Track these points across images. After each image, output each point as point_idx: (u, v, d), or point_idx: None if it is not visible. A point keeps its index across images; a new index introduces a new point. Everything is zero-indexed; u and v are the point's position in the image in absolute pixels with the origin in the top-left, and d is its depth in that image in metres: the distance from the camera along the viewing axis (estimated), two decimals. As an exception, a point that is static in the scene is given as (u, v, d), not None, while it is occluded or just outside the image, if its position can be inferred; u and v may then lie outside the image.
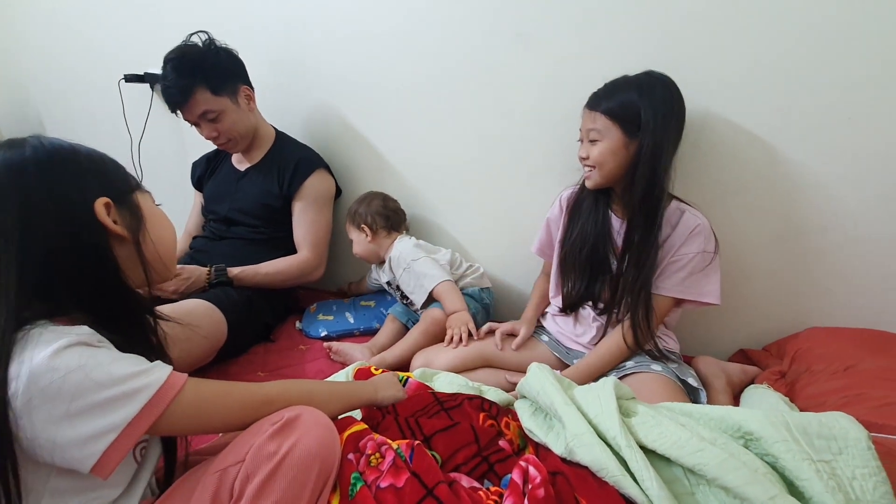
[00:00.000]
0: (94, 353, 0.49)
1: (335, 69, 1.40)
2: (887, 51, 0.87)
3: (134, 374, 0.50)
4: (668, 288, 0.97)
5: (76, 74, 1.91)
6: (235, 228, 1.38)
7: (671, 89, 0.93)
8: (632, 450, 0.57)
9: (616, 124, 0.93)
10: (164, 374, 0.53)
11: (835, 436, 0.62)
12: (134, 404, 0.49)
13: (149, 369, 0.52)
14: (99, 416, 0.48)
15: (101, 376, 0.48)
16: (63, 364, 0.46)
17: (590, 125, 0.96)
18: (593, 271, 1.04)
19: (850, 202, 0.98)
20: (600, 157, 0.95)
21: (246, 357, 1.19)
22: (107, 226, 0.56)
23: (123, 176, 0.62)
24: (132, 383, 0.50)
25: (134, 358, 0.53)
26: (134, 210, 0.60)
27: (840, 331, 1.02)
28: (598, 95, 0.97)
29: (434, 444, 0.67)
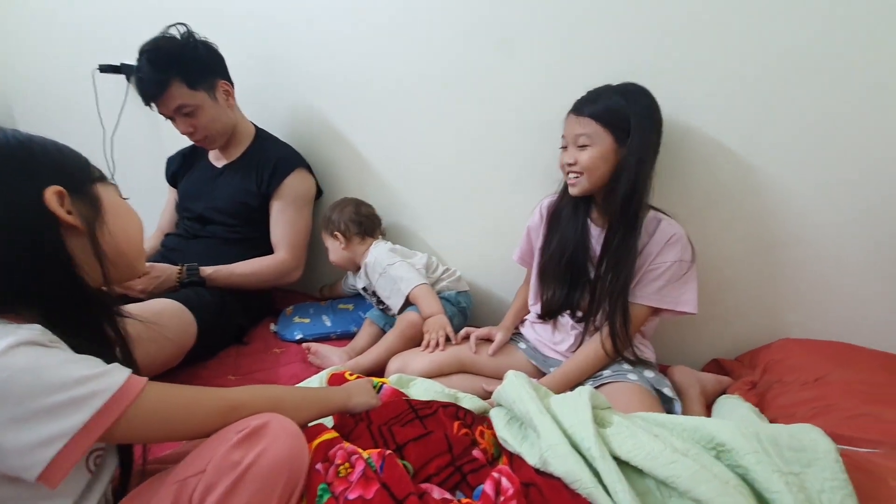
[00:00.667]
0: (45, 354, 0.46)
1: (319, 69, 1.38)
2: (861, 69, 0.89)
3: (88, 378, 0.47)
4: (645, 296, 0.97)
5: (49, 62, 1.85)
6: (210, 227, 1.34)
7: (652, 99, 0.95)
8: (605, 461, 0.56)
9: (606, 129, 0.94)
10: (121, 377, 0.50)
11: (804, 447, 0.63)
12: (86, 410, 0.46)
13: (104, 372, 0.49)
14: (48, 422, 0.45)
15: (52, 379, 0.45)
16: (10, 364, 0.44)
17: (578, 130, 0.95)
18: (573, 279, 1.04)
19: (824, 217, 1.00)
20: (591, 162, 0.94)
21: (217, 360, 1.15)
22: (58, 215, 0.53)
23: (83, 166, 0.60)
24: (85, 387, 0.47)
25: (89, 360, 0.50)
26: (92, 201, 0.57)
27: (811, 343, 1.04)
28: (584, 101, 0.97)
29: (406, 454, 0.65)
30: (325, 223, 1.33)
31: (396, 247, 1.30)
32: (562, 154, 1.00)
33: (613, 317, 0.97)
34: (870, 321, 1.03)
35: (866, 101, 0.91)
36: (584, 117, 0.95)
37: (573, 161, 0.96)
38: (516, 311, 1.18)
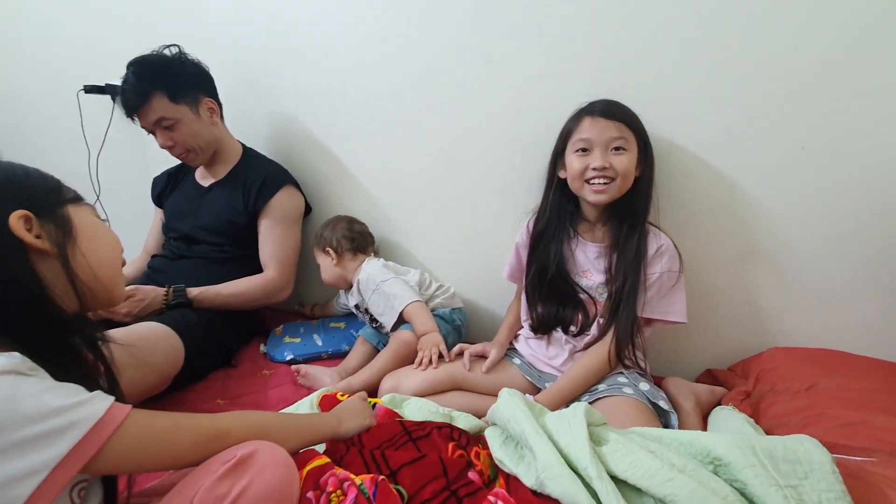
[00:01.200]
0: (22, 383, 0.45)
1: (305, 85, 1.39)
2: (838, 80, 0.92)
3: (68, 407, 0.46)
4: (637, 308, 0.97)
5: (33, 82, 1.83)
6: (197, 247, 1.32)
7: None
8: (602, 481, 0.55)
9: (635, 137, 0.94)
10: (103, 406, 0.48)
11: (800, 459, 0.63)
12: (66, 441, 0.45)
13: (85, 401, 0.47)
14: (26, 454, 0.43)
15: (30, 409, 0.44)
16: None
17: (614, 133, 0.92)
18: (561, 296, 1.04)
19: (804, 226, 1.02)
20: (628, 167, 0.93)
21: (204, 384, 1.13)
22: (25, 240, 0.51)
23: (53, 188, 0.58)
24: (65, 417, 0.45)
25: (69, 388, 0.48)
26: (62, 223, 0.56)
27: (800, 351, 1.05)
28: (607, 106, 0.95)
29: (400, 478, 0.64)
30: (317, 240, 1.32)
31: (389, 263, 1.29)
32: (578, 158, 0.96)
33: (622, 327, 0.96)
34: (856, 327, 1.05)
35: (843, 111, 0.93)
36: (618, 122, 0.93)
37: (607, 165, 0.92)
38: (509, 327, 1.17)
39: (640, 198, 0.98)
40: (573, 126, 0.99)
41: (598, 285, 1.02)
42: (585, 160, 0.95)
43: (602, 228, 1.03)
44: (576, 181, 0.98)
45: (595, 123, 0.95)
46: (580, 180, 0.97)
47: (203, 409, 1.04)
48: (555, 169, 1.04)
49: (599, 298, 1.02)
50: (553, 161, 1.05)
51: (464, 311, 1.31)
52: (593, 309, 1.03)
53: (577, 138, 0.97)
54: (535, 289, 1.07)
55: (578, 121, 0.98)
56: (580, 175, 0.96)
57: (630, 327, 0.96)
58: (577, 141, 0.97)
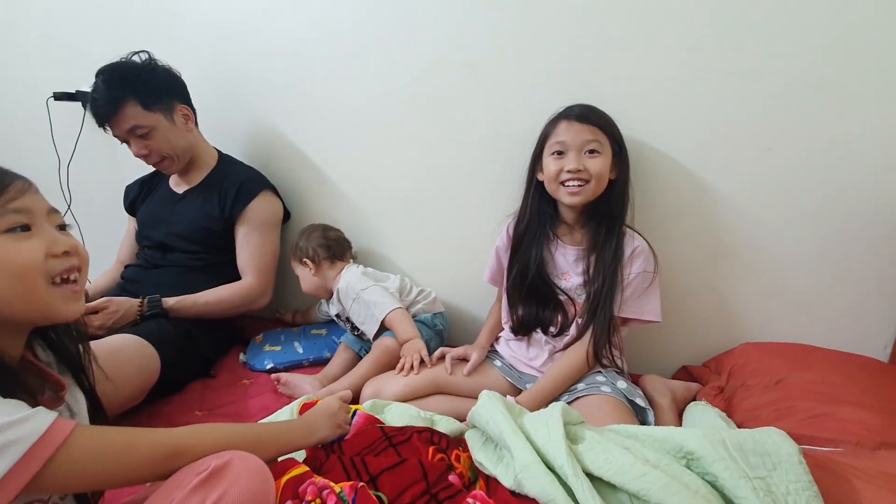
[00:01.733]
0: None
1: (284, 91, 1.38)
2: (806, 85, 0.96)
3: (5, 426, 0.44)
4: (614, 308, 0.99)
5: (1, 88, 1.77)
6: (172, 255, 1.30)
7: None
8: (578, 479, 0.56)
9: (609, 142, 0.97)
10: (44, 424, 0.46)
11: (768, 451, 0.65)
12: (4, 460, 0.43)
13: (24, 419, 0.45)
14: None
15: None
16: None
17: (587, 136, 0.95)
18: (541, 298, 1.06)
19: (773, 225, 1.06)
20: (602, 169, 0.95)
21: (182, 395, 1.10)
22: None
23: None
24: (2, 436, 0.43)
25: (10, 405, 0.46)
26: None
27: (770, 346, 1.08)
28: (582, 110, 0.98)
29: (381, 484, 0.64)
30: (292, 251, 1.31)
31: (369, 270, 1.29)
32: (553, 161, 0.98)
33: (600, 327, 0.98)
34: (825, 322, 1.09)
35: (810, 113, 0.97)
36: (593, 125, 0.95)
37: (580, 167, 0.95)
38: (490, 330, 1.18)
39: (616, 200, 1.00)
40: (550, 129, 1.01)
41: (577, 286, 1.04)
42: (560, 163, 0.97)
43: (580, 231, 1.05)
44: (552, 183, 1.00)
45: (570, 127, 0.97)
46: (556, 182, 0.99)
47: (181, 422, 1.01)
48: (534, 172, 1.06)
49: (578, 299, 1.04)
50: (532, 164, 1.06)
51: (445, 316, 1.31)
52: (572, 310, 1.04)
53: (553, 141, 0.99)
54: (516, 291, 1.09)
55: (555, 124, 1.00)
56: (556, 177, 0.99)
57: (607, 327, 0.98)
58: (553, 144, 0.99)
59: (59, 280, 0.55)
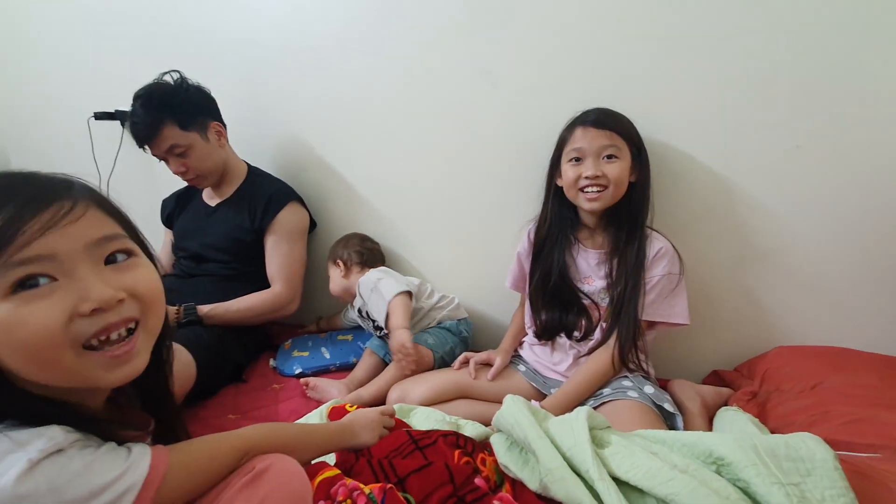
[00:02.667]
0: (64, 466, 0.42)
1: (307, 103, 1.42)
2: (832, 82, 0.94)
3: (113, 481, 0.44)
4: (638, 312, 0.98)
5: (44, 109, 1.89)
6: (206, 265, 1.36)
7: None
8: (604, 483, 0.56)
9: (627, 145, 0.97)
10: (145, 466, 0.47)
11: (802, 457, 0.63)
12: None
13: (128, 468, 0.46)
14: None
15: (77, 495, 0.42)
16: (31, 490, 0.40)
17: (605, 142, 0.95)
18: (564, 303, 1.06)
19: (805, 225, 1.03)
20: (620, 175, 0.95)
21: (216, 399, 1.15)
22: None
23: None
24: (113, 491, 0.44)
25: (111, 455, 0.46)
26: None
27: (805, 349, 1.05)
28: (600, 115, 0.98)
29: (408, 486, 0.65)
30: (330, 253, 1.39)
31: (390, 270, 1.32)
32: (571, 167, 0.99)
33: (625, 331, 0.97)
34: (862, 324, 1.05)
35: (839, 109, 0.95)
36: (609, 130, 0.96)
37: (599, 173, 0.95)
38: (514, 335, 1.19)
39: (637, 203, 1.00)
40: (567, 136, 1.02)
41: (600, 290, 1.04)
42: (578, 169, 0.98)
43: (601, 234, 1.05)
44: (570, 189, 1.00)
45: (587, 133, 0.97)
46: (574, 189, 0.99)
47: (215, 424, 1.06)
48: (552, 177, 1.07)
49: (601, 303, 1.04)
50: (551, 170, 1.07)
51: (469, 322, 1.32)
52: (596, 314, 1.04)
53: (570, 148, 1.00)
54: (539, 296, 1.09)
55: (571, 131, 1.01)
56: (574, 184, 0.99)
57: (632, 331, 0.97)
58: (570, 151, 0.99)
59: (97, 342, 0.45)
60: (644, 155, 1.00)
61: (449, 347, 1.20)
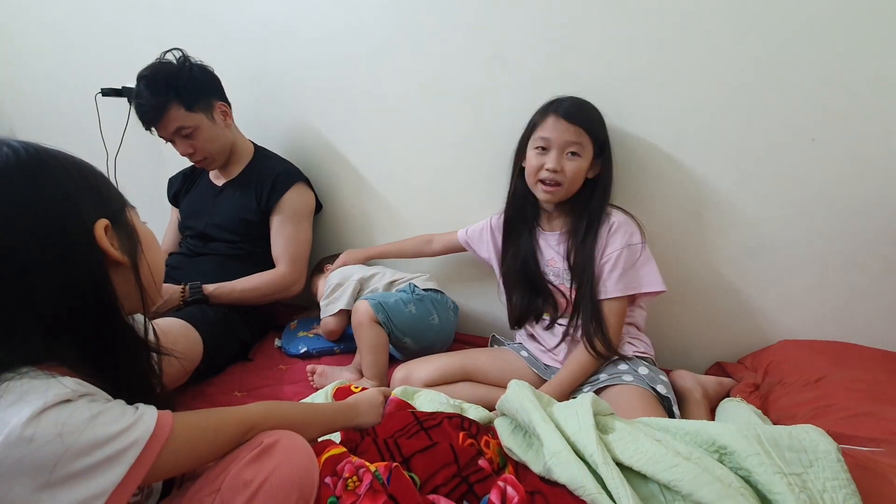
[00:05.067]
0: (72, 413, 0.43)
1: (314, 85, 1.41)
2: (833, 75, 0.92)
3: (118, 433, 0.46)
4: (609, 290, 0.98)
5: (52, 85, 1.88)
6: (212, 244, 1.36)
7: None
8: (608, 467, 0.57)
9: (592, 143, 0.96)
10: (151, 424, 0.48)
11: (805, 448, 0.63)
12: (123, 464, 0.45)
13: (134, 423, 0.47)
14: (83, 484, 0.43)
15: (82, 442, 0.43)
16: (39, 434, 0.41)
17: (571, 138, 0.94)
18: (532, 286, 1.07)
19: (815, 219, 1.02)
20: (577, 174, 0.95)
21: (222, 377, 1.16)
22: (108, 252, 0.50)
23: (116, 191, 0.56)
24: (117, 443, 0.45)
25: (118, 409, 0.47)
26: (130, 231, 0.55)
27: (810, 343, 1.05)
28: (571, 107, 0.96)
29: (413, 466, 0.66)
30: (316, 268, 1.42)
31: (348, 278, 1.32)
32: (535, 156, 0.98)
33: (588, 320, 0.98)
34: (866, 320, 1.05)
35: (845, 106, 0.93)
36: (577, 126, 0.94)
37: (558, 168, 0.95)
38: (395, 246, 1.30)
39: (597, 199, 0.99)
40: (538, 121, 1.00)
41: (563, 271, 1.05)
42: (542, 159, 0.98)
43: (558, 218, 1.06)
44: (530, 177, 1.01)
45: (557, 124, 0.96)
46: (534, 177, 1.00)
47: (222, 401, 1.07)
48: (519, 158, 1.06)
49: (566, 284, 1.04)
50: (518, 149, 1.06)
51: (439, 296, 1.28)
52: (562, 298, 1.05)
53: (538, 135, 0.99)
54: (511, 276, 1.10)
55: (544, 117, 0.99)
56: (535, 172, 0.99)
57: (593, 312, 0.98)
58: (537, 138, 0.99)
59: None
60: (607, 153, 0.99)
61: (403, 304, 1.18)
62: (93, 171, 0.54)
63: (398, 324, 1.13)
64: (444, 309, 1.23)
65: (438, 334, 1.21)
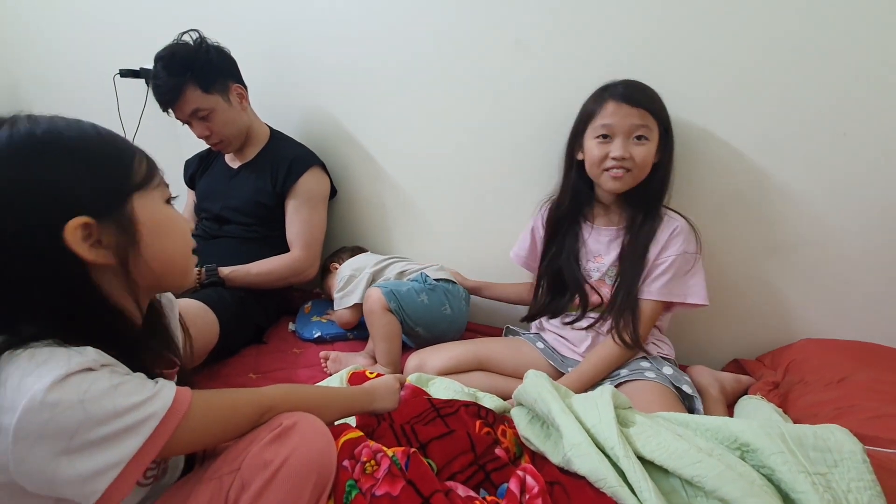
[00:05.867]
0: (94, 382, 0.44)
1: (330, 69, 1.39)
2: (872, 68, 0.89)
3: (137, 405, 0.46)
4: (654, 292, 0.97)
5: (70, 66, 1.88)
6: (228, 227, 1.36)
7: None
8: (630, 460, 0.56)
9: (657, 125, 0.92)
10: (169, 397, 0.49)
11: (830, 448, 0.62)
12: (140, 435, 0.46)
13: (153, 395, 0.48)
14: (101, 452, 0.44)
15: (102, 411, 0.44)
16: (59, 400, 0.42)
17: (637, 121, 0.89)
18: (568, 281, 1.05)
19: (840, 216, 1.00)
20: (646, 158, 0.91)
21: (237, 359, 1.17)
22: (81, 256, 0.47)
23: (124, 171, 0.51)
24: (136, 414, 0.46)
25: (138, 382, 0.48)
26: (125, 225, 0.50)
27: (833, 342, 1.03)
28: (632, 90, 0.92)
29: (430, 452, 0.66)
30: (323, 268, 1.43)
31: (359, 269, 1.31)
32: (598, 145, 0.94)
33: (624, 314, 0.97)
34: (891, 319, 1.02)
35: (878, 100, 0.90)
36: (642, 109, 0.90)
37: (627, 155, 0.90)
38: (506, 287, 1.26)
39: (658, 184, 0.97)
40: (595, 109, 0.95)
41: (609, 267, 1.03)
42: (606, 148, 0.93)
43: (617, 212, 1.03)
44: (594, 168, 0.97)
45: (619, 109, 0.91)
46: (598, 168, 0.95)
47: (237, 383, 1.08)
48: (573, 151, 1.03)
49: (609, 282, 1.03)
50: (571, 142, 1.02)
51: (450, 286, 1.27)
52: (596, 296, 1.03)
53: (599, 123, 0.94)
54: (549, 272, 1.08)
55: (601, 104, 0.94)
56: (599, 163, 0.95)
57: (628, 308, 0.96)
58: (598, 126, 0.94)
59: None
60: (670, 135, 0.95)
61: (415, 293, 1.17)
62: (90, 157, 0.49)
63: (410, 312, 1.13)
64: (457, 299, 1.23)
65: (451, 324, 1.20)
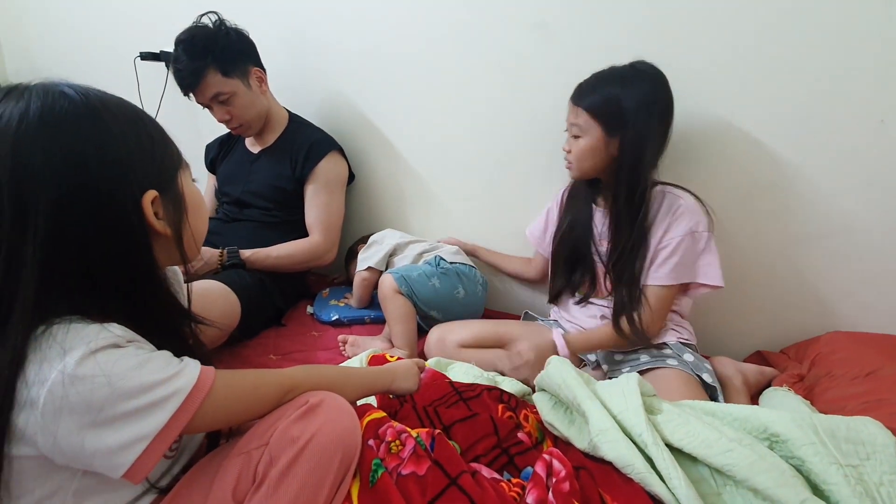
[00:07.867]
0: (121, 358, 0.45)
1: (348, 54, 1.38)
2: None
3: (163, 381, 0.47)
4: (662, 276, 0.95)
5: (91, 48, 1.90)
6: (248, 211, 1.37)
7: (656, 81, 0.91)
8: (658, 448, 0.56)
9: (597, 122, 0.93)
10: (194, 375, 0.50)
11: (862, 440, 0.61)
12: (165, 411, 0.46)
13: (178, 372, 0.49)
14: (128, 426, 0.45)
15: (129, 386, 0.45)
16: (88, 373, 0.43)
17: (572, 119, 0.96)
18: (578, 260, 1.06)
19: (873, 206, 0.97)
20: (579, 153, 0.96)
21: (257, 340, 1.19)
22: (152, 225, 0.51)
23: (172, 151, 0.55)
24: (162, 390, 0.47)
25: (163, 359, 0.49)
26: (177, 200, 0.54)
27: (862, 335, 1.00)
28: (583, 89, 0.96)
29: (453, 434, 0.66)
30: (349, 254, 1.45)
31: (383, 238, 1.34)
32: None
33: (624, 303, 0.97)
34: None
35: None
36: (579, 108, 0.95)
37: (568, 149, 0.99)
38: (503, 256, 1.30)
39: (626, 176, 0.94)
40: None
41: (604, 253, 1.03)
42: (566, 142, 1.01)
43: (606, 198, 1.04)
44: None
45: (569, 107, 0.98)
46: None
47: (257, 363, 1.10)
48: None
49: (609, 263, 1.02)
50: None
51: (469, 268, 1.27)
52: (602, 277, 1.04)
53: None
54: (559, 251, 1.10)
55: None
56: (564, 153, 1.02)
57: (628, 294, 0.97)
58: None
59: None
60: (629, 131, 0.91)
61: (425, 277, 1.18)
62: (150, 131, 0.53)
63: (421, 297, 1.13)
64: (472, 282, 1.22)
65: (465, 307, 1.20)
